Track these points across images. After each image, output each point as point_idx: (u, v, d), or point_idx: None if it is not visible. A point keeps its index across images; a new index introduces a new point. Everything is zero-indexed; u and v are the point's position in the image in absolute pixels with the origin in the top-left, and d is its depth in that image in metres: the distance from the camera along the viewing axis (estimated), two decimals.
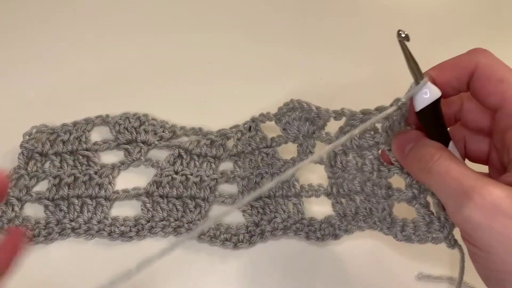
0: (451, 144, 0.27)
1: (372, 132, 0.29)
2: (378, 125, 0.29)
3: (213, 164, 0.39)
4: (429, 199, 0.29)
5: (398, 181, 0.30)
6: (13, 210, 0.37)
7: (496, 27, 0.50)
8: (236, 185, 0.39)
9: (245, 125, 0.39)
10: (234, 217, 0.38)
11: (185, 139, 0.41)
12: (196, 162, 0.39)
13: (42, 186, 0.39)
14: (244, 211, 0.38)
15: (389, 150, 0.28)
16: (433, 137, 0.26)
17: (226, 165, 0.40)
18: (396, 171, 0.29)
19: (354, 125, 0.29)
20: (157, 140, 0.40)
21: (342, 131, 0.31)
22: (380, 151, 0.30)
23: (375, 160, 0.30)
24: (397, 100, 0.26)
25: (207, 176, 0.39)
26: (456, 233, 0.27)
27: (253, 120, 0.39)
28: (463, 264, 0.29)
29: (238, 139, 0.39)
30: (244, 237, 0.37)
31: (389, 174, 0.29)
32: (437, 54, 0.45)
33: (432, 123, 0.26)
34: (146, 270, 0.36)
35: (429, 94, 0.25)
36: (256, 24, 0.49)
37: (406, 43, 0.24)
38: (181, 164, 0.39)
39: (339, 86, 0.44)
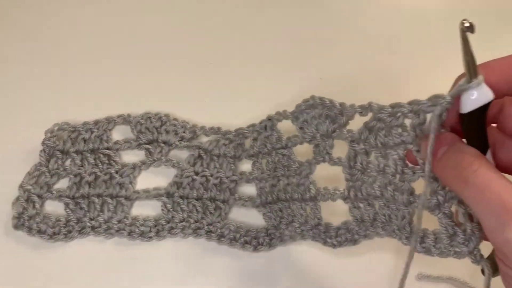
0: (488, 153, 0.25)
1: (400, 130, 0.27)
2: (407, 122, 0.27)
3: (232, 165, 0.39)
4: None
5: (421, 187, 0.29)
6: (34, 207, 0.37)
7: (498, 27, 0.50)
8: (255, 186, 0.39)
9: (261, 124, 0.38)
10: (255, 219, 0.38)
11: (205, 138, 0.41)
12: (216, 162, 0.39)
13: (62, 184, 0.39)
14: (264, 213, 0.38)
15: (417, 151, 0.26)
16: (472, 142, 0.24)
17: (248, 164, 0.40)
18: (422, 174, 0.27)
19: (382, 119, 0.28)
20: (178, 141, 0.40)
21: (367, 126, 0.30)
22: (405, 152, 0.28)
23: (400, 160, 0.28)
24: (439, 96, 0.23)
25: (227, 178, 0.38)
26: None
27: (269, 118, 0.38)
28: (489, 282, 0.27)
29: (255, 139, 0.39)
30: (264, 240, 0.37)
31: (414, 177, 0.28)
32: (438, 54, 0.46)
33: (475, 127, 0.24)
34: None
35: (476, 95, 0.22)
36: (256, 24, 0.48)
37: (469, 35, 0.22)
38: (201, 165, 0.39)
39: (338, 86, 0.44)
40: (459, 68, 0.47)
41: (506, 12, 0.51)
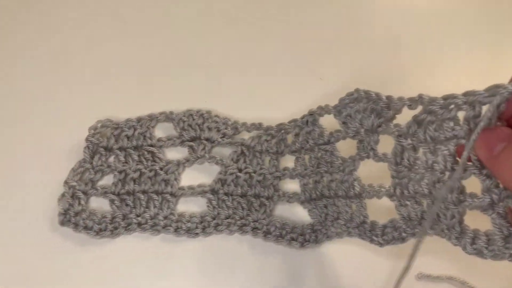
0: None
1: (452, 123, 0.25)
2: (460, 115, 0.25)
3: (275, 161, 0.39)
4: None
5: (473, 186, 0.27)
6: (79, 203, 0.37)
7: (497, 27, 0.49)
8: (299, 183, 0.39)
9: (303, 119, 0.38)
10: (300, 216, 0.38)
11: (246, 135, 0.41)
12: (259, 159, 0.39)
13: (105, 181, 0.39)
14: (309, 210, 0.38)
15: None
16: None
17: (291, 160, 0.39)
18: (474, 171, 0.25)
19: (433, 111, 0.26)
20: (220, 137, 0.40)
21: (416, 120, 0.28)
22: (456, 147, 0.26)
23: (450, 157, 0.26)
24: (499, 86, 0.22)
25: (270, 174, 0.38)
26: None
27: (310, 113, 0.37)
28: None
29: (297, 135, 0.38)
30: (310, 237, 0.37)
31: (465, 175, 0.25)
32: (438, 54, 0.46)
33: None
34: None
35: None
36: (255, 26, 0.47)
37: None
38: (244, 161, 0.39)
39: (339, 87, 0.43)
40: (459, 68, 0.48)
41: (506, 12, 0.50)
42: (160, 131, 0.41)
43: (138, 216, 0.37)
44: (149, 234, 0.37)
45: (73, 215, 0.36)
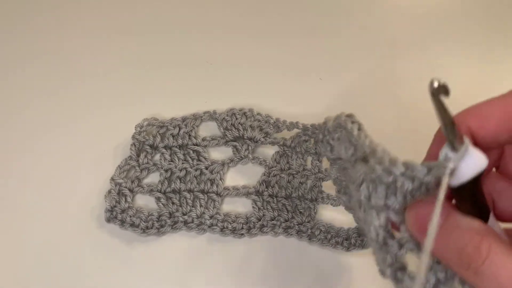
0: (491, 217, 0.20)
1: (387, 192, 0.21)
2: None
3: (317, 161, 0.39)
4: None
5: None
6: (126, 200, 0.37)
7: (495, 29, 0.49)
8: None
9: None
10: (344, 219, 0.38)
11: (287, 133, 0.40)
12: (301, 159, 0.39)
13: (150, 179, 0.39)
14: (354, 214, 0.38)
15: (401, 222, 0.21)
16: (469, 211, 0.19)
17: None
18: (411, 247, 0.21)
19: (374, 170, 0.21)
20: (263, 137, 0.40)
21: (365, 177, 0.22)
22: (387, 219, 0.21)
23: (381, 229, 0.21)
24: (440, 165, 0.18)
25: (314, 174, 0.38)
26: None
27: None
28: None
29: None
30: (356, 241, 0.37)
31: (401, 252, 0.21)
32: (438, 54, 0.45)
33: (471, 195, 0.19)
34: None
35: (465, 167, 0.18)
36: (253, 26, 0.47)
37: (443, 97, 0.18)
38: (287, 162, 0.39)
39: (338, 86, 0.44)
40: (459, 69, 0.47)
41: (506, 12, 0.50)
42: (204, 129, 0.41)
43: (184, 214, 0.37)
44: (195, 233, 0.37)
45: (119, 212, 0.37)
